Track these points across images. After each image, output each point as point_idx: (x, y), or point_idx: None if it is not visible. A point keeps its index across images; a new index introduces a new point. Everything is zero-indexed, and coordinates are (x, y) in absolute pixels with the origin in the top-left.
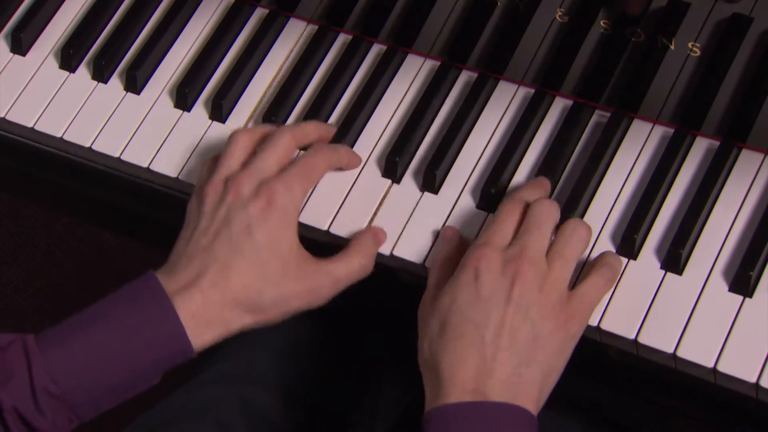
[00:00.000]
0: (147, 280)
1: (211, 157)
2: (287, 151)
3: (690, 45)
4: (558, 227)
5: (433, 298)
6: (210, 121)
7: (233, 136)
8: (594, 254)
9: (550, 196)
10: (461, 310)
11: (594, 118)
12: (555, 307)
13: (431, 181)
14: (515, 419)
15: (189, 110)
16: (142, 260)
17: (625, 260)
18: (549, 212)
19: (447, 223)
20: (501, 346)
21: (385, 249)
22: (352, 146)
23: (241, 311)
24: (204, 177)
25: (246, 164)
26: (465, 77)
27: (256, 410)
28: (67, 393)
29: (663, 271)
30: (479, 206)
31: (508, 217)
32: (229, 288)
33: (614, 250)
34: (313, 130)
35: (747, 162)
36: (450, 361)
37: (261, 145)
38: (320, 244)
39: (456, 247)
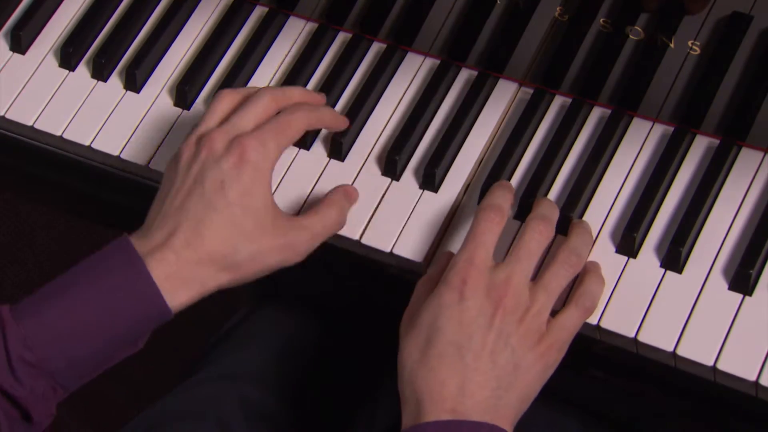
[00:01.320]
0: (120, 243)
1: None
2: (266, 111)
3: (690, 43)
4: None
5: (414, 314)
6: None
7: (218, 95)
8: (594, 254)
9: (544, 190)
10: (443, 330)
11: (594, 117)
12: (534, 337)
13: (431, 179)
14: None
15: (189, 109)
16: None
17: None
18: (540, 242)
19: (448, 222)
20: (481, 369)
21: (384, 246)
22: (351, 145)
23: (217, 269)
24: (184, 139)
25: (223, 122)
26: (465, 76)
27: (255, 409)
28: (44, 360)
29: (663, 270)
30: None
31: (487, 230)
32: (203, 246)
33: (614, 249)
34: (297, 94)
35: (747, 160)
36: (429, 380)
37: (242, 103)
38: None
39: (443, 267)
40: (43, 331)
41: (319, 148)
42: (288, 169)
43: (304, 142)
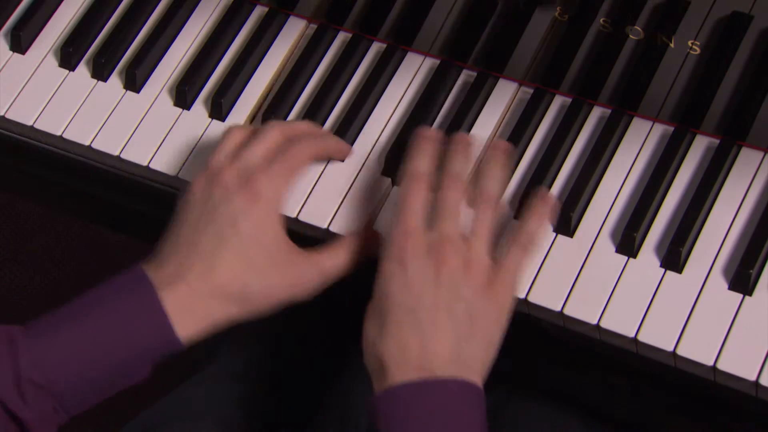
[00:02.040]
0: (135, 272)
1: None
2: (275, 145)
3: (690, 43)
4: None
5: (372, 298)
6: (210, 119)
7: (227, 131)
8: (594, 254)
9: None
10: (395, 299)
11: (594, 116)
12: (483, 282)
13: None
14: (463, 392)
15: (189, 108)
16: (141, 259)
17: (550, 229)
18: (456, 198)
19: None
20: (438, 325)
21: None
22: (351, 144)
23: (228, 303)
24: (195, 174)
25: (234, 158)
26: (465, 76)
27: (255, 408)
28: (53, 383)
29: (663, 270)
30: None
31: (411, 195)
32: (215, 280)
33: (614, 249)
34: (304, 127)
35: (747, 160)
36: (392, 348)
37: (251, 138)
38: (319, 242)
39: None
40: (54, 354)
41: None
42: None
43: None
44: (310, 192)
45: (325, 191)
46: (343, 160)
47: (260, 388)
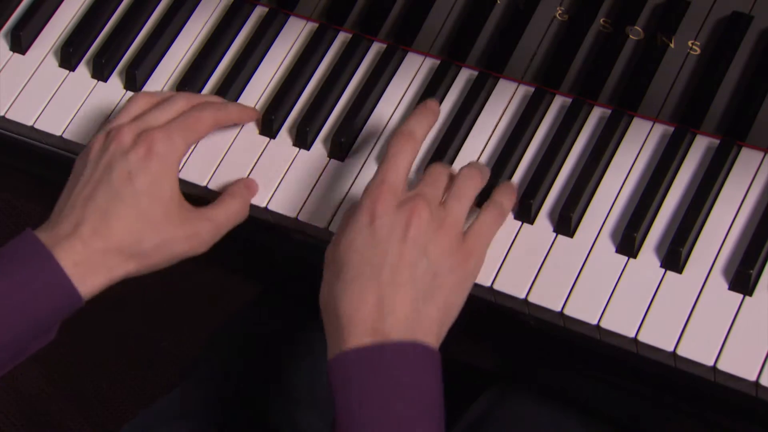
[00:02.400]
0: (24, 236)
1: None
2: (178, 112)
3: (690, 43)
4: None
5: (334, 243)
6: None
7: (133, 96)
8: (594, 255)
9: (544, 190)
10: (358, 251)
11: (594, 117)
12: (452, 245)
13: None
14: (416, 357)
15: None
16: None
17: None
18: (443, 172)
19: None
20: (398, 283)
21: None
22: (351, 145)
23: (124, 257)
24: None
25: (135, 119)
26: (465, 76)
27: (255, 409)
28: None
29: (663, 270)
30: (479, 205)
31: (399, 153)
32: (110, 235)
33: (614, 249)
34: (214, 98)
35: (747, 160)
36: (348, 302)
37: (156, 105)
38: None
39: None
40: None
41: (319, 148)
42: (289, 168)
43: (305, 142)
44: (313, 188)
45: (326, 193)
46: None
47: (263, 389)
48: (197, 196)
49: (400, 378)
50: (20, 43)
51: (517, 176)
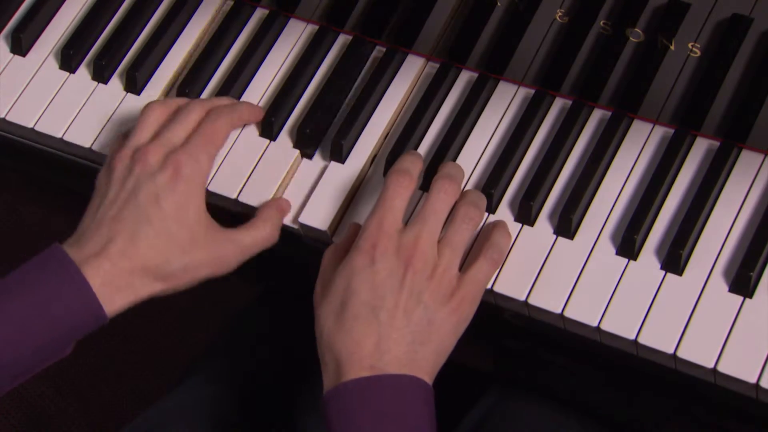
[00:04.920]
0: (53, 251)
1: (125, 131)
2: (196, 123)
3: (690, 45)
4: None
5: (326, 282)
6: None
7: (146, 108)
8: (594, 256)
9: (545, 192)
10: (356, 292)
11: (594, 119)
12: (446, 293)
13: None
14: (411, 388)
15: None
16: None
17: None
18: (445, 201)
19: None
20: (396, 326)
21: None
22: (352, 146)
23: (150, 279)
24: (114, 149)
25: (156, 136)
26: (465, 77)
27: (253, 410)
28: None
29: (663, 272)
30: None
31: (395, 195)
32: (137, 256)
33: (615, 251)
34: (224, 102)
35: (747, 162)
36: (347, 342)
37: (172, 117)
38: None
39: (350, 237)
40: None
41: (319, 152)
42: (289, 170)
43: (306, 146)
44: (313, 192)
45: (326, 194)
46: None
47: (259, 388)
48: None
49: (396, 408)
50: (21, 44)
51: (517, 178)
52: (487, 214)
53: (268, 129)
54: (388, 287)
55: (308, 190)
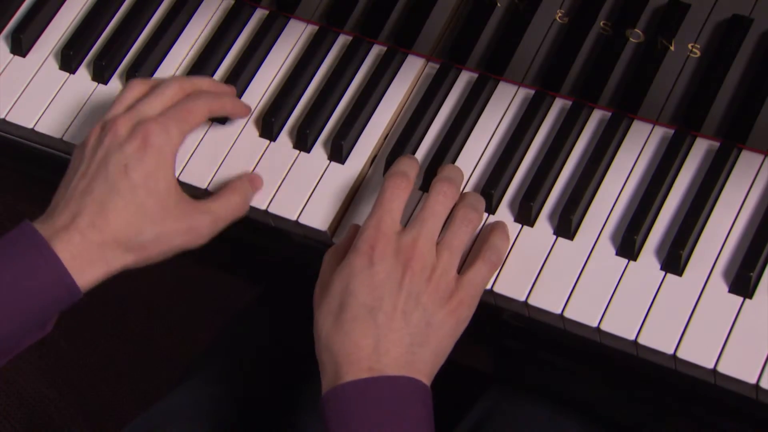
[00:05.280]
0: (22, 228)
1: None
2: (172, 99)
3: (690, 46)
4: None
5: (325, 283)
6: (210, 122)
7: (127, 84)
8: (594, 257)
9: (544, 192)
10: (355, 294)
11: (594, 119)
12: (444, 295)
13: (431, 179)
14: (410, 390)
15: None
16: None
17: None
18: (444, 203)
19: None
20: (394, 327)
21: None
22: (352, 147)
23: (122, 250)
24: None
25: (130, 109)
26: (465, 78)
27: (253, 410)
28: None
29: (663, 272)
30: None
31: (393, 197)
32: (107, 227)
33: (614, 251)
34: (205, 84)
35: (747, 163)
36: (345, 343)
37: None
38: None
39: (350, 238)
40: None
41: (319, 151)
42: (289, 170)
43: (305, 144)
44: (311, 194)
45: (326, 196)
46: (244, 118)
47: (259, 389)
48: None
49: (394, 409)
50: (21, 45)
51: (517, 179)
52: (487, 214)
53: (268, 129)
54: (387, 289)
55: (308, 190)
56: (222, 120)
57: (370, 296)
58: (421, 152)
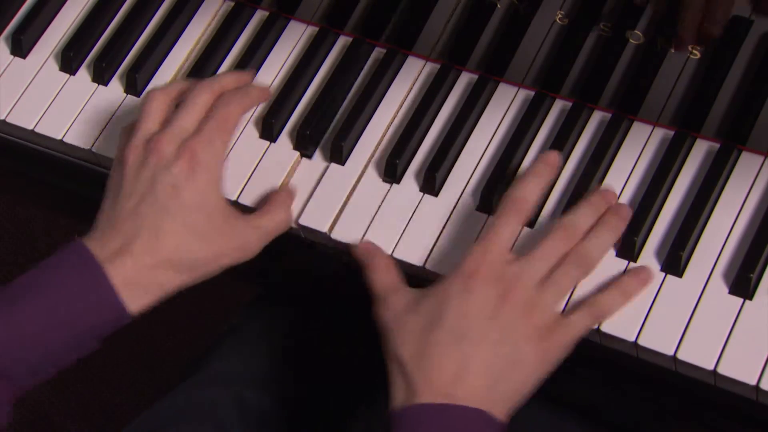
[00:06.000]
0: (77, 249)
1: (129, 124)
2: (206, 107)
3: (690, 47)
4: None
5: (416, 297)
6: None
7: (148, 95)
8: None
9: (548, 196)
10: (445, 318)
11: (594, 121)
12: (539, 333)
13: (431, 182)
14: (483, 423)
15: None
16: None
17: (634, 290)
18: (559, 249)
19: (447, 226)
20: (480, 360)
21: (386, 251)
22: (352, 148)
23: (174, 271)
24: (123, 142)
25: (165, 124)
26: (465, 79)
27: (253, 411)
28: (8, 368)
29: (663, 274)
30: (479, 208)
31: (507, 223)
32: (160, 250)
33: (614, 253)
34: (230, 81)
35: (747, 164)
36: (425, 365)
37: (180, 103)
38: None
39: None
40: (1, 338)
41: (319, 152)
42: (289, 172)
43: (305, 146)
44: (308, 198)
45: (326, 197)
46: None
47: (258, 390)
48: None
49: None
50: (21, 46)
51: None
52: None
53: (269, 131)
54: (479, 318)
55: (308, 191)
56: None
57: (461, 323)
58: (421, 153)
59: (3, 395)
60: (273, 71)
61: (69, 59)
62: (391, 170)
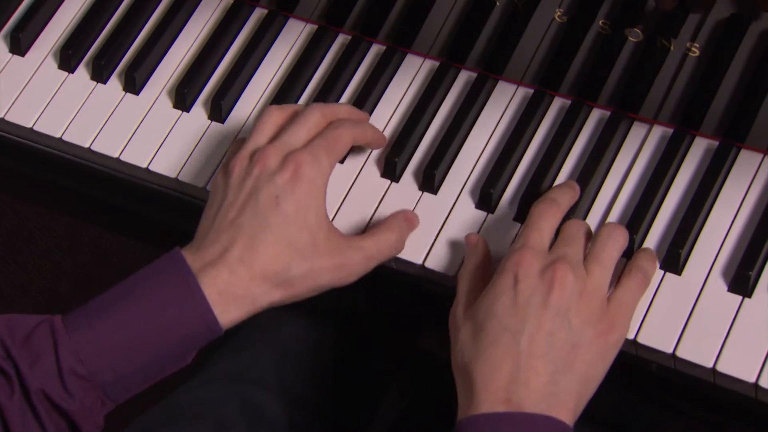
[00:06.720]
0: (172, 256)
1: (240, 138)
2: (317, 128)
3: (689, 45)
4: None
5: (466, 305)
6: (209, 121)
7: (265, 111)
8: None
9: (544, 192)
10: (497, 316)
11: (593, 118)
12: (596, 313)
13: (430, 180)
14: (547, 430)
15: (188, 110)
16: (141, 260)
17: (657, 261)
18: (582, 225)
19: (446, 224)
20: (536, 353)
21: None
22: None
23: (269, 286)
24: (231, 153)
25: (274, 139)
26: (464, 77)
27: (256, 411)
28: (95, 373)
29: (662, 271)
30: (478, 206)
31: (542, 218)
32: (256, 262)
33: None
34: (344, 111)
35: (746, 162)
36: (483, 369)
37: (291, 121)
38: None
39: (483, 254)
40: (94, 345)
41: None
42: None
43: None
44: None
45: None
46: (380, 149)
47: (261, 390)
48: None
49: None
50: (19, 44)
51: (515, 178)
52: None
53: None
54: (531, 308)
55: None
56: (219, 120)
57: (514, 318)
58: (420, 151)
59: (94, 404)
60: (272, 69)
61: (67, 57)
62: (391, 168)
